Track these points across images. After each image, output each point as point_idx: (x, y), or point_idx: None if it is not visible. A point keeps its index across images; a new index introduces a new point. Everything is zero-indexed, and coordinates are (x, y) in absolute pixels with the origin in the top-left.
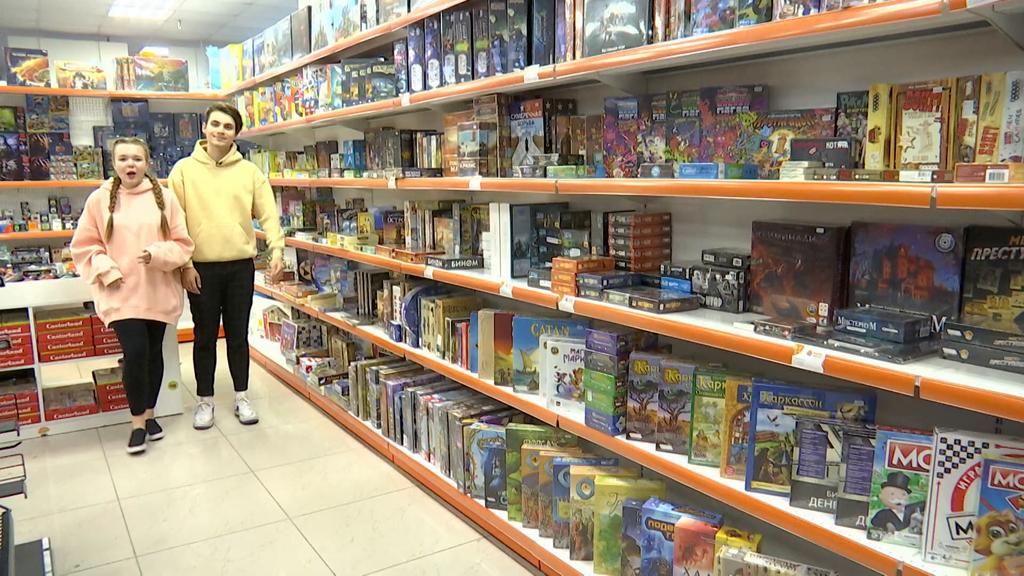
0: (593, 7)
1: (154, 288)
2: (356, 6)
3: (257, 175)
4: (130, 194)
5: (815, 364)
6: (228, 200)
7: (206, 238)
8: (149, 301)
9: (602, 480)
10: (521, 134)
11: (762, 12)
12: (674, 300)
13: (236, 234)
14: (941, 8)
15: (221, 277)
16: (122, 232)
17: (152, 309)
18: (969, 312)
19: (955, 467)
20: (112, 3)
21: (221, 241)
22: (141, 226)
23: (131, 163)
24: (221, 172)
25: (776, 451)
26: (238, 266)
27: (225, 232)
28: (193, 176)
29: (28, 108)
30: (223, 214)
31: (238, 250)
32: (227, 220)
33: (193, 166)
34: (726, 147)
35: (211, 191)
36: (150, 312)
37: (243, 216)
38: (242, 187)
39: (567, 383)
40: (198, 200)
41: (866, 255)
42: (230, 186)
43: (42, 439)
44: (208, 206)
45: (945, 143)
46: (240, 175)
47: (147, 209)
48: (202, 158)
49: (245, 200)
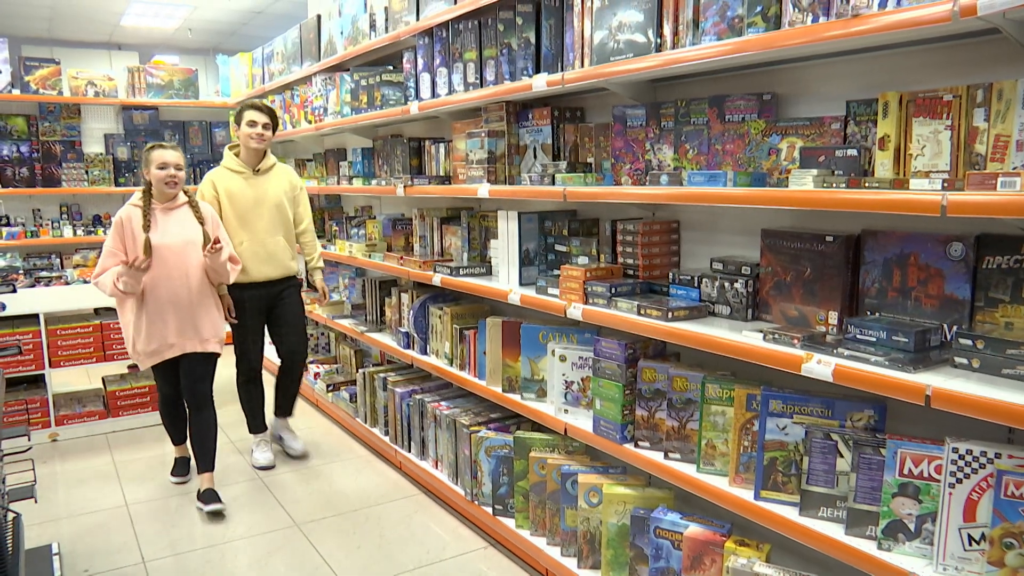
0: (601, 15)
1: (205, 312)
2: (365, 15)
3: (294, 179)
4: (165, 209)
5: (825, 373)
6: (269, 211)
7: (248, 256)
8: (203, 329)
9: (610, 488)
10: (529, 142)
11: (771, 20)
12: (682, 308)
13: (280, 249)
14: (951, 16)
15: (266, 299)
16: (163, 253)
17: (194, 339)
18: (980, 321)
19: (967, 477)
20: (124, 12)
21: (265, 258)
22: (185, 243)
23: (172, 172)
24: (259, 180)
25: (785, 460)
26: (284, 285)
27: (269, 248)
28: (228, 187)
29: (40, 116)
30: (265, 228)
31: (283, 267)
32: (270, 234)
33: (226, 176)
34: (735, 155)
35: (249, 203)
36: (207, 344)
37: (286, 228)
38: (283, 194)
39: (575, 391)
40: (236, 214)
41: (876, 263)
42: (270, 195)
43: (52, 444)
44: (248, 220)
45: (956, 151)
46: (279, 181)
47: (187, 224)
48: (236, 166)
49: (287, 209)
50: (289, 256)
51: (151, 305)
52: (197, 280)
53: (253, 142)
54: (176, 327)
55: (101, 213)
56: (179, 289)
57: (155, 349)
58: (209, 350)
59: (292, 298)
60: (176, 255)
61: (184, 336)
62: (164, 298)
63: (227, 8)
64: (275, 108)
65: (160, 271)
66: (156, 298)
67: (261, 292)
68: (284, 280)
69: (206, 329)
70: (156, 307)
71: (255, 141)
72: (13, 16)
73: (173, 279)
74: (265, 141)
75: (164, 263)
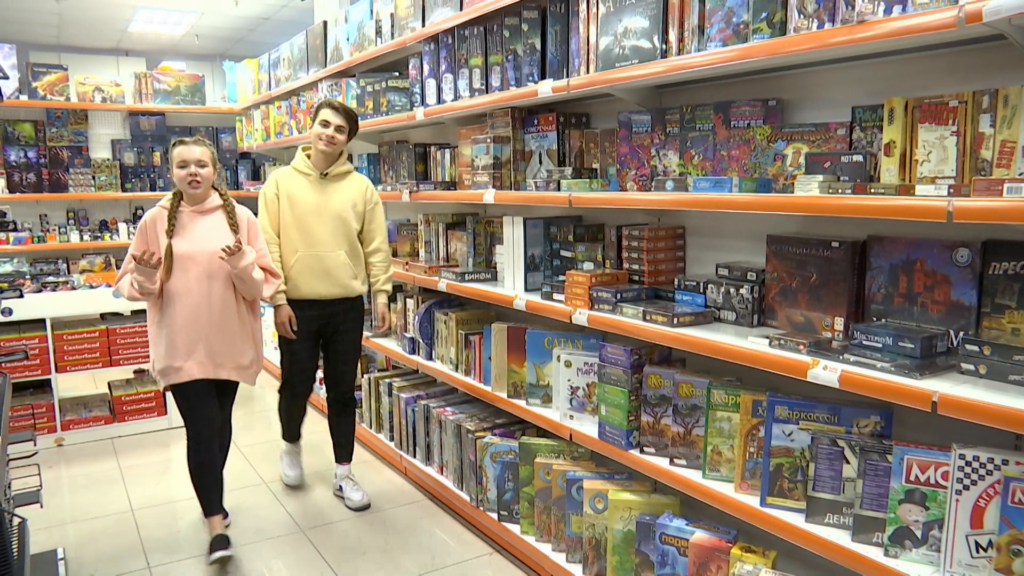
0: (607, 21)
1: (227, 335)
2: (371, 21)
3: (370, 192)
4: (194, 212)
5: (831, 379)
6: (332, 221)
7: (302, 269)
8: (220, 354)
9: (615, 494)
10: (535, 147)
11: (776, 26)
12: (688, 314)
13: (339, 266)
14: (956, 22)
15: (319, 320)
16: (185, 263)
17: (223, 365)
18: (987, 327)
19: (974, 484)
20: (131, 18)
21: (320, 274)
22: (212, 253)
23: (194, 170)
24: (327, 186)
25: (791, 466)
26: (342, 307)
27: (327, 262)
28: (291, 189)
29: (48, 122)
30: (325, 239)
31: (342, 286)
32: (329, 247)
33: (292, 177)
34: (740, 161)
35: (311, 209)
36: (221, 369)
37: (350, 243)
38: (351, 206)
39: (580, 396)
40: (295, 220)
41: (882, 269)
42: (336, 204)
43: (58, 449)
44: (307, 228)
45: (961, 157)
46: (349, 190)
47: (216, 232)
48: (304, 167)
49: (352, 223)
50: (349, 274)
51: (167, 320)
52: (222, 296)
53: (322, 143)
54: (186, 348)
55: (108, 218)
56: (199, 305)
57: (162, 369)
58: (223, 376)
59: (349, 324)
60: (200, 266)
61: (194, 359)
62: (180, 314)
63: (234, 15)
64: (354, 111)
65: (179, 283)
66: (172, 313)
67: (313, 312)
68: (342, 302)
69: (228, 354)
70: (171, 323)
71: (324, 143)
72: (22, 23)
73: (193, 293)
74: (335, 144)
75: (185, 274)
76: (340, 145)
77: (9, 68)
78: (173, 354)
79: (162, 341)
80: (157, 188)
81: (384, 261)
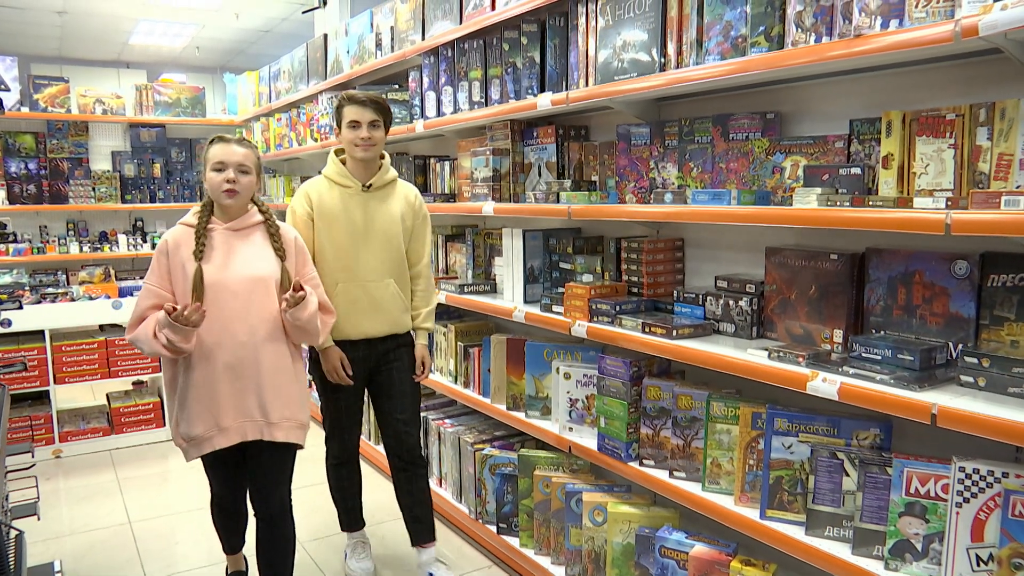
0: (606, 35)
1: (269, 386)
2: (371, 34)
3: (419, 202)
4: (229, 231)
5: (830, 391)
6: (379, 244)
7: (345, 305)
8: (259, 412)
9: (615, 507)
10: (534, 160)
11: (774, 40)
12: (687, 326)
13: (389, 297)
14: (953, 36)
15: (367, 362)
16: (220, 295)
17: (259, 422)
18: (986, 339)
19: (974, 497)
20: (132, 31)
21: (367, 309)
22: (253, 282)
23: (233, 176)
24: (369, 200)
25: (791, 479)
26: (392, 344)
27: (374, 295)
28: (327, 206)
29: (49, 133)
30: (372, 266)
31: (392, 322)
32: (377, 275)
33: (326, 190)
34: (739, 173)
35: (353, 229)
36: (276, 429)
37: (398, 269)
38: (398, 222)
39: (580, 409)
40: (332, 244)
41: (880, 281)
42: (383, 221)
43: (56, 461)
44: (349, 254)
45: (959, 169)
46: (397, 203)
47: (258, 255)
48: (340, 177)
49: (401, 243)
50: (401, 307)
51: (198, 369)
52: (268, 336)
53: (359, 151)
54: (233, 403)
55: (108, 230)
56: (240, 348)
57: (201, 434)
58: (280, 438)
59: (403, 362)
60: (238, 299)
61: (244, 416)
62: (217, 359)
63: (234, 27)
64: (383, 97)
65: (214, 321)
66: (205, 359)
67: (359, 354)
68: (392, 339)
69: (278, 408)
70: (205, 372)
71: (361, 149)
72: (24, 35)
73: (232, 333)
74: (375, 147)
75: (220, 309)
76: (379, 145)
77: (11, 80)
78: (215, 412)
79: (190, 398)
80: (157, 200)
81: (426, 290)
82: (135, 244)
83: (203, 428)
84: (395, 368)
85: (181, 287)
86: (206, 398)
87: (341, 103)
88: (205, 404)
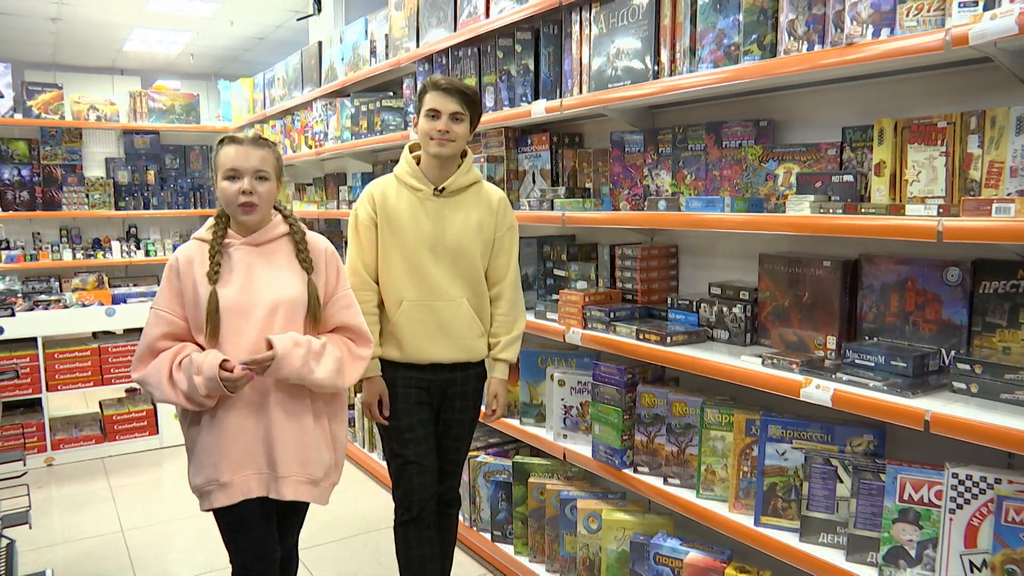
0: (599, 43)
1: (295, 433)
2: (366, 41)
3: (503, 210)
4: (249, 246)
5: (824, 398)
6: (452, 256)
7: (410, 324)
8: (285, 462)
9: (609, 514)
10: (528, 167)
11: (766, 48)
12: (681, 333)
13: (461, 318)
14: (944, 45)
15: (433, 391)
16: (235, 323)
17: (288, 479)
18: (978, 345)
19: (967, 503)
20: (127, 38)
21: (434, 331)
22: (274, 305)
23: (248, 186)
24: (444, 205)
25: (785, 485)
26: (461, 373)
27: (442, 315)
28: (395, 210)
29: (42, 140)
30: (442, 282)
31: (463, 348)
32: (448, 293)
33: (393, 192)
34: (732, 180)
35: (424, 240)
36: (284, 484)
37: (474, 285)
38: (477, 232)
39: (574, 416)
40: (401, 255)
41: (873, 288)
42: (457, 231)
43: (48, 469)
44: (418, 266)
45: (951, 177)
46: (476, 210)
47: (280, 273)
48: (410, 178)
49: (477, 257)
50: (475, 331)
51: (206, 411)
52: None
53: (434, 144)
54: (240, 453)
55: (101, 237)
56: (257, 386)
57: (202, 484)
58: (288, 496)
59: (469, 399)
60: (256, 326)
61: (256, 468)
62: (228, 400)
63: (229, 34)
64: (473, 88)
65: (228, 352)
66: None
67: (426, 381)
68: (462, 367)
69: (294, 462)
70: (213, 412)
71: (436, 143)
72: (18, 42)
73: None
74: (453, 143)
75: (236, 338)
76: (460, 142)
77: (4, 87)
78: (218, 463)
79: (202, 442)
80: (150, 207)
81: (509, 314)
82: (128, 251)
83: (203, 477)
84: (458, 406)
85: (193, 312)
86: (210, 444)
87: (424, 87)
88: (209, 451)
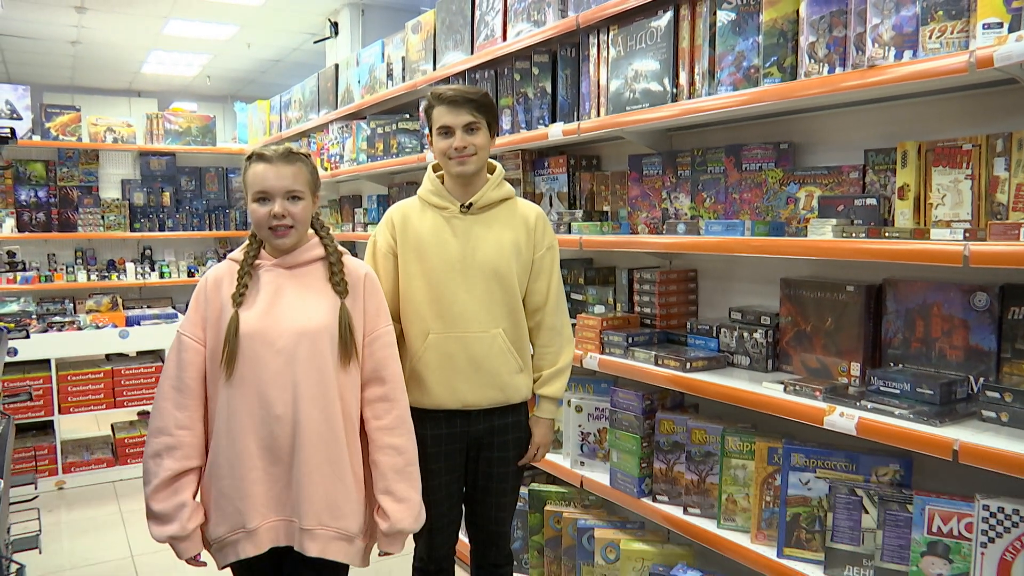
0: (617, 65)
1: (324, 480)
2: (383, 64)
3: (541, 227)
4: (280, 267)
5: (848, 426)
6: (482, 281)
7: (437, 360)
8: (310, 512)
9: (628, 544)
10: (545, 190)
11: (787, 71)
12: (701, 358)
13: (496, 353)
14: (968, 67)
15: (463, 440)
16: (257, 350)
17: (315, 533)
18: (1008, 373)
19: (999, 536)
20: (144, 60)
21: (466, 368)
22: (299, 335)
23: (280, 210)
24: (472, 225)
25: (809, 516)
26: (499, 420)
27: (474, 348)
28: (414, 232)
29: (59, 161)
30: (473, 310)
31: (499, 387)
32: (480, 323)
33: (416, 213)
34: (752, 204)
35: (447, 263)
36: (310, 539)
37: (511, 313)
38: (512, 252)
39: (591, 443)
40: (425, 278)
41: (898, 313)
42: (488, 251)
43: (58, 492)
44: (444, 294)
45: (976, 200)
46: (509, 227)
47: (311, 299)
48: (436, 197)
49: (514, 280)
50: (512, 367)
51: (225, 450)
52: (313, 407)
53: (454, 164)
54: (265, 497)
55: (116, 258)
56: (276, 421)
57: (222, 536)
58: (313, 552)
59: (508, 451)
60: (281, 356)
61: (277, 514)
62: (248, 437)
63: (246, 56)
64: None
65: (248, 385)
66: (234, 436)
67: (455, 429)
68: (499, 413)
69: (314, 509)
70: (232, 454)
71: (456, 162)
72: (37, 65)
73: (269, 402)
74: (474, 156)
75: (258, 369)
76: (483, 154)
77: (23, 109)
78: (230, 513)
79: (214, 488)
80: (166, 228)
81: (551, 344)
82: (143, 273)
83: (224, 528)
84: (497, 458)
85: (214, 337)
86: (231, 489)
87: (430, 104)
88: (230, 497)
